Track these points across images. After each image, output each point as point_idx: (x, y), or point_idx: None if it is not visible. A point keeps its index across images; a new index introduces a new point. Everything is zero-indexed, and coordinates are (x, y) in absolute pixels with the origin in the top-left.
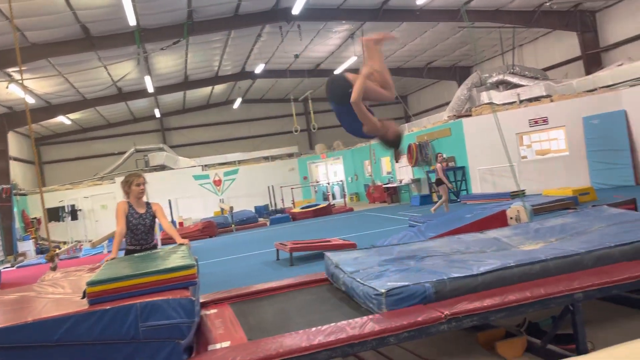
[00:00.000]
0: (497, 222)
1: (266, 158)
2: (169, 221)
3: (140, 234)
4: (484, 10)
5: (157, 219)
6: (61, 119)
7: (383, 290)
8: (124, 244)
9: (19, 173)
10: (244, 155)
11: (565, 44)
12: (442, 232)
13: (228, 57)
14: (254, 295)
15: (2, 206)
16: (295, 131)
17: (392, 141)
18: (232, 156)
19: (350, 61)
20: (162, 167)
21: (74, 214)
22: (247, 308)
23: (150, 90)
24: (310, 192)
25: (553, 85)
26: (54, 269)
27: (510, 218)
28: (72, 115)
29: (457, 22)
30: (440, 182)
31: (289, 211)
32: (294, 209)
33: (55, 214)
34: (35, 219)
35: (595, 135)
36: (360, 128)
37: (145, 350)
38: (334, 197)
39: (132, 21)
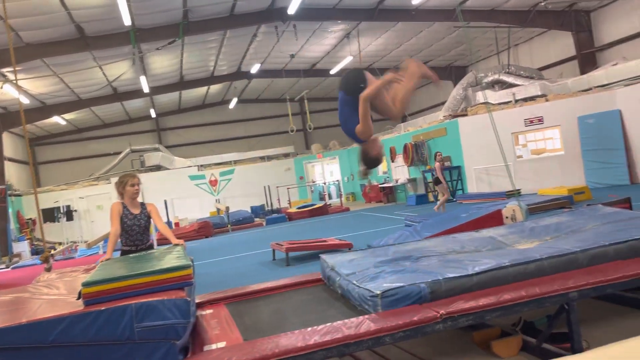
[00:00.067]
0: (493, 222)
1: (262, 158)
2: (163, 222)
3: (135, 235)
4: (480, 10)
5: (152, 220)
6: (56, 119)
7: (378, 292)
8: (119, 244)
9: (13, 174)
10: (240, 155)
11: (560, 43)
12: (437, 231)
13: (224, 57)
14: (250, 296)
15: None
16: (291, 131)
17: (370, 158)
18: (228, 156)
19: (345, 61)
20: (158, 168)
21: (69, 214)
22: (243, 308)
23: (146, 90)
24: (306, 192)
25: (548, 84)
26: (48, 270)
27: (506, 217)
28: (67, 116)
29: (453, 22)
30: (438, 181)
31: (285, 211)
32: (290, 209)
33: (51, 214)
34: (31, 219)
35: (590, 134)
36: (354, 125)
37: (140, 351)
38: (330, 197)
39: (127, 21)
